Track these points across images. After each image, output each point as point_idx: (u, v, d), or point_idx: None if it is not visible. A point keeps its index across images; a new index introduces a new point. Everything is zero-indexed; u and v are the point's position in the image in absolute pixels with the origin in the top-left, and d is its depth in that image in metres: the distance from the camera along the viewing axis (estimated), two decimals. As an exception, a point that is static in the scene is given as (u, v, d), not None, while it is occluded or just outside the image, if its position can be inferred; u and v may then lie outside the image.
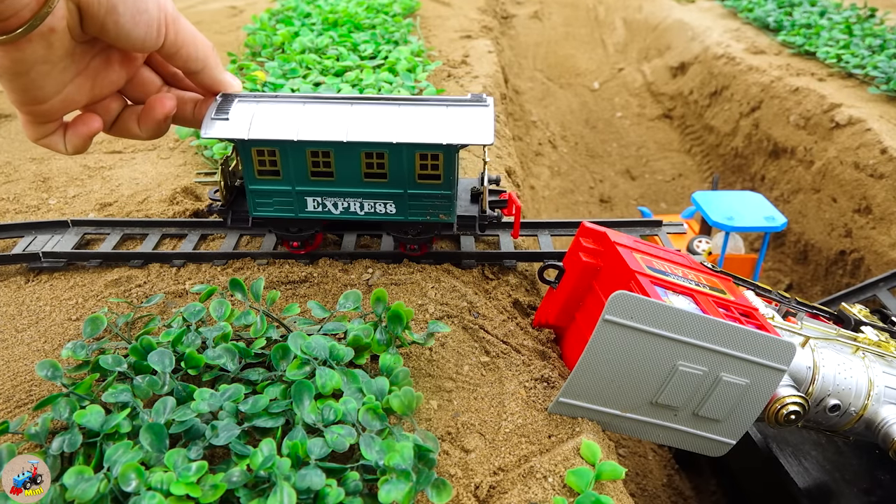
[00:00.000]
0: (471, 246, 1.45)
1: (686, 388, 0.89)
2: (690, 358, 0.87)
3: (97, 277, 1.37)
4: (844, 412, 1.23)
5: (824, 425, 1.28)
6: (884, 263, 2.85)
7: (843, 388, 1.23)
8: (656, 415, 0.93)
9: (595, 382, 0.89)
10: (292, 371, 0.97)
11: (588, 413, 0.92)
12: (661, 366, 0.87)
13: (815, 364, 1.20)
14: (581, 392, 0.88)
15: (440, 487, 0.86)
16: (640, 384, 0.89)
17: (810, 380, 1.19)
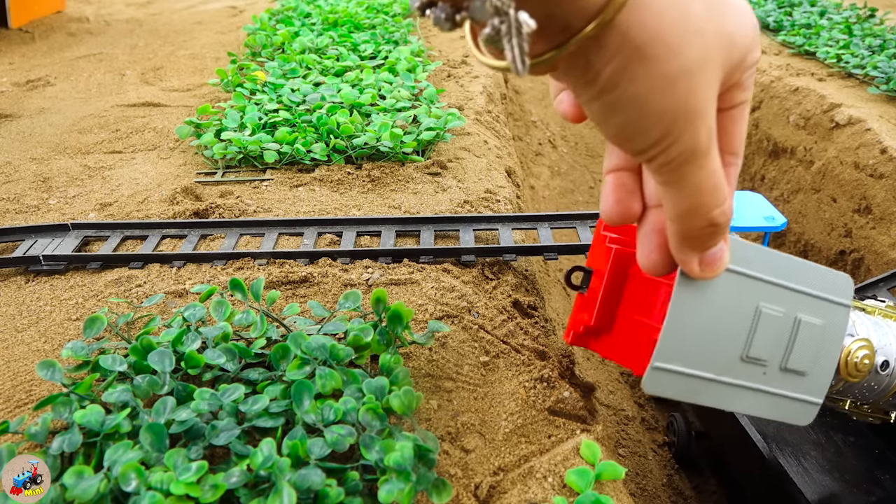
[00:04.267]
0: (470, 241, 1.45)
1: (772, 335, 0.78)
2: (771, 298, 0.79)
3: (97, 277, 1.37)
4: (894, 370, 1.20)
5: (875, 391, 1.24)
6: (884, 263, 2.85)
7: (885, 345, 1.20)
8: (747, 375, 0.83)
9: (686, 340, 0.76)
10: (292, 371, 0.97)
11: (681, 385, 0.79)
12: (746, 310, 0.77)
13: (852, 324, 1.18)
14: (674, 354, 0.76)
15: (440, 487, 0.86)
16: (729, 336, 0.78)
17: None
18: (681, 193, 0.49)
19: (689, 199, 0.49)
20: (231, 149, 1.88)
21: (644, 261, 0.61)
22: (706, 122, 0.46)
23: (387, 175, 1.81)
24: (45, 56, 3.38)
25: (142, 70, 3.08)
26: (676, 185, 0.48)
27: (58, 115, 2.45)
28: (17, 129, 2.31)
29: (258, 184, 1.81)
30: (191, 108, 2.48)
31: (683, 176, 0.48)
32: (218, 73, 2.48)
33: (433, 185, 1.79)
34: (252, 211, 1.64)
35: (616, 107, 0.45)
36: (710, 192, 0.49)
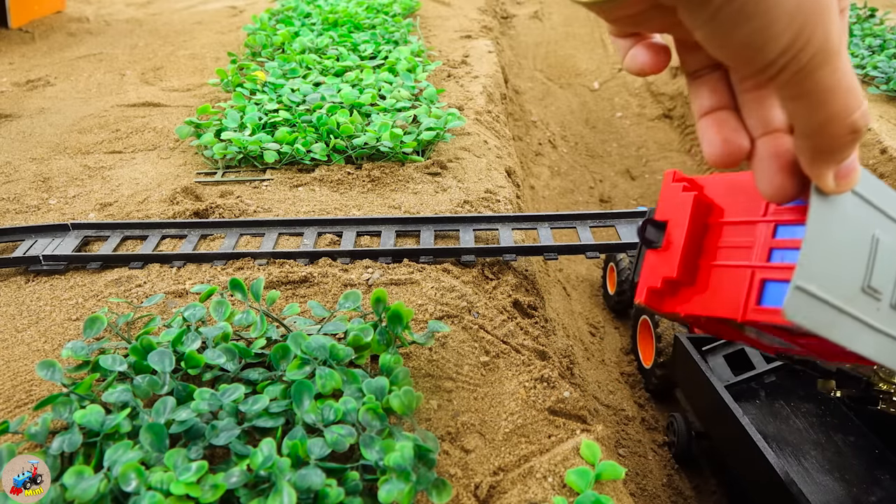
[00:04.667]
0: (470, 241, 1.45)
1: (886, 268, 0.72)
2: (886, 228, 0.76)
3: (97, 277, 1.37)
4: None
5: None
6: (884, 263, 2.85)
7: None
8: (865, 308, 0.71)
9: (822, 262, 0.69)
10: (292, 371, 0.97)
11: (817, 312, 0.71)
12: (866, 237, 0.69)
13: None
14: (812, 274, 0.69)
15: (440, 487, 0.86)
16: (854, 263, 0.68)
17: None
18: (816, 103, 0.45)
19: (826, 108, 0.45)
20: (231, 149, 1.88)
21: (768, 188, 0.58)
22: (834, 17, 0.42)
23: (387, 175, 1.81)
24: (45, 56, 3.38)
25: (142, 70, 3.08)
26: (810, 95, 0.45)
27: (58, 115, 2.45)
28: (17, 129, 2.31)
29: (258, 184, 1.81)
30: (191, 108, 2.48)
31: (818, 82, 0.44)
32: (218, 73, 2.48)
33: (433, 185, 1.79)
34: (252, 211, 1.64)
35: (739, 18, 0.42)
36: (848, 95, 0.46)
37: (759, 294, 0.74)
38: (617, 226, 1.55)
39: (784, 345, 0.88)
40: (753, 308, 0.74)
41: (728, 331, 0.94)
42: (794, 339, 0.84)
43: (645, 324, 3.05)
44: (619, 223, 1.55)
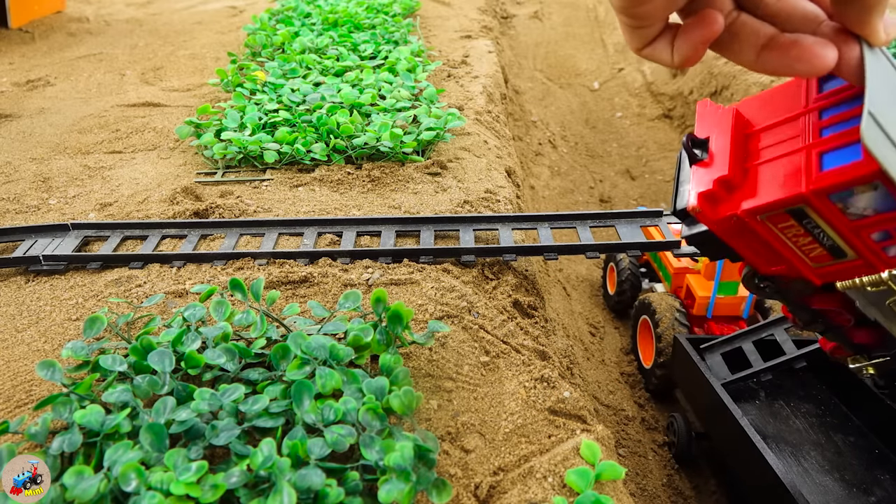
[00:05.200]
0: (470, 241, 1.45)
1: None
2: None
3: (97, 277, 1.37)
4: None
5: None
6: (884, 263, 2.85)
7: None
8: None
9: (881, 102, 0.72)
10: (292, 371, 0.97)
11: (882, 145, 0.73)
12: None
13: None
14: (880, 111, 0.72)
15: (440, 487, 0.86)
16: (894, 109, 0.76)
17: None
18: None
19: None
20: (231, 149, 1.88)
21: (821, 53, 0.65)
22: None
23: (387, 175, 1.81)
24: (45, 56, 3.38)
25: (142, 70, 3.08)
26: None
27: (58, 115, 2.45)
28: (17, 129, 2.31)
29: (258, 184, 1.81)
30: (191, 108, 2.48)
31: None
32: (218, 73, 2.49)
33: (433, 185, 1.79)
34: (252, 211, 1.64)
35: None
36: None
37: (818, 164, 0.78)
38: (617, 226, 1.55)
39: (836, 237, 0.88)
40: (816, 176, 0.78)
41: (784, 251, 0.95)
42: (855, 223, 0.86)
43: (645, 324, 3.05)
44: (619, 223, 1.55)
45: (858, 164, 0.78)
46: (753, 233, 0.98)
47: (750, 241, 1.01)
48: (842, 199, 0.86)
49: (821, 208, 0.88)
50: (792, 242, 0.98)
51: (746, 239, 1.00)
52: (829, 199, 0.86)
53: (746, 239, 1.00)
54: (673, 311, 2.87)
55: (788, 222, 0.93)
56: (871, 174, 0.80)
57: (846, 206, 0.88)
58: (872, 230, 0.90)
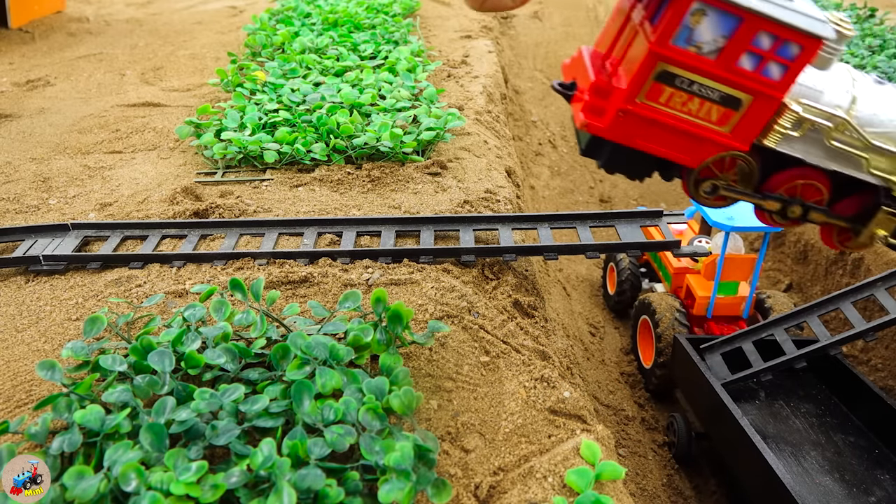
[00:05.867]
0: (470, 241, 1.45)
1: None
2: None
3: (97, 277, 1.37)
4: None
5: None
6: (883, 263, 2.85)
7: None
8: None
9: None
10: (292, 371, 0.97)
11: None
12: None
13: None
14: None
15: (440, 487, 0.86)
16: None
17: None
18: None
19: None
20: (231, 149, 1.88)
21: None
22: None
23: (387, 175, 1.81)
24: (45, 56, 3.38)
25: (142, 70, 3.08)
26: None
27: (58, 115, 2.45)
28: (17, 129, 2.31)
29: (258, 184, 1.81)
30: (191, 108, 2.48)
31: None
32: (218, 73, 2.49)
33: (433, 185, 1.79)
34: (252, 211, 1.64)
35: None
36: None
37: (651, 26, 0.94)
38: (617, 226, 1.55)
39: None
40: (650, 31, 0.94)
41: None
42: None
43: (645, 324, 3.05)
44: (619, 223, 1.55)
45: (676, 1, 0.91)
46: (649, 122, 1.06)
47: (654, 134, 1.07)
48: (687, 41, 0.97)
49: (675, 57, 0.98)
50: (686, 113, 1.05)
51: (649, 133, 1.07)
52: (676, 44, 0.97)
53: (649, 133, 1.07)
54: (673, 311, 2.87)
55: (666, 91, 1.02)
56: (688, 1, 0.92)
57: (698, 48, 0.98)
58: (736, 57, 0.99)
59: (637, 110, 1.04)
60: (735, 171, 1.15)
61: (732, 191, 1.16)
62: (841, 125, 1.08)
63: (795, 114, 1.05)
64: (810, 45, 0.97)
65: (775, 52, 0.98)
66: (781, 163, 1.14)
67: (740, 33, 0.97)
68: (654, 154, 1.10)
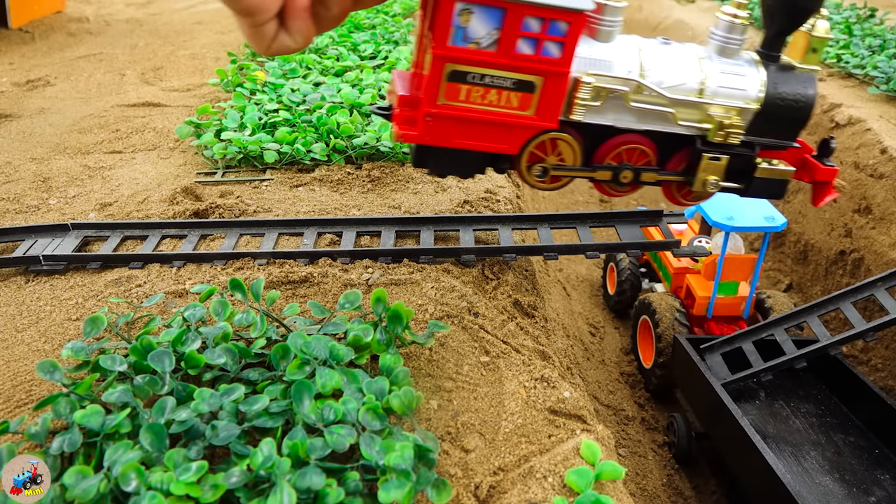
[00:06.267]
0: (470, 241, 1.45)
1: None
2: None
3: (97, 277, 1.37)
4: None
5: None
6: (883, 263, 2.85)
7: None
8: None
9: None
10: (292, 371, 0.97)
11: None
12: None
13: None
14: None
15: (440, 487, 0.86)
16: None
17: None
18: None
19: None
20: (231, 149, 1.88)
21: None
22: None
23: (387, 175, 1.81)
24: (45, 56, 3.38)
25: (142, 70, 3.08)
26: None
27: (58, 115, 2.45)
28: (17, 129, 2.31)
29: (258, 184, 1.81)
30: (191, 108, 2.48)
31: None
32: (218, 73, 2.49)
33: (433, 185, 1.79)
34: (252, 211, 1.64)
35: None
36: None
37: (431, 37, 1.02)
38: (617, 226, 1.55)
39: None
40: (430, 38, 1.02)
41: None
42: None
43: (645, 324, 3.05)
44: (618, 223, 1.55)
45: (441, 4, 1.00)
46: (458, 121, 1.14)
47: (467, 131, 1.15)
48: (465, 39, 1.05)
49: (458, 56, 1.06)
50: (489, 105, 1.13)
51: (462, 131, 1.15)
52: (455, 44, 1.05)
53: (462, 131, 1.15)
54: (673, 311, 2.87)
55: (462, 89, 1.10)
56: (446, 4, 1.01)
57: (477, 43, 1.06)
58: (513, 44, 1.07)
59: (442, 112, 1.12)
60: (559, 151, 1.21)
61: (561, 169, 1.22)
62: (638, 87, 1.16)
63: (590, 85, 1.13)
64: (576, 19, 1.05)
65: (546, 32, 1.06)
66: (602, 134, 1.22)
67: (508, 22, 1.05)
68: (474, 149, 1.18)
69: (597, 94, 1.16)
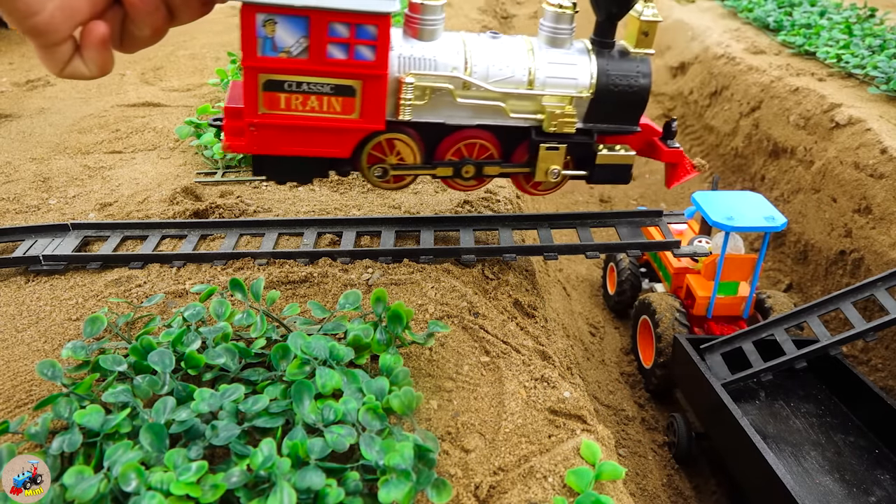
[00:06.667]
0: (470, 241, 1.45)
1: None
2: None
3: (97, 277, 1.37)
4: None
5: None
6: (883, 263, 2.85)
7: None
8: None
9: None
10: (292, 371, 0.97)
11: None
12: None
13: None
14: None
15: (440, 487, 0.86)
16: None
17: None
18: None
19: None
20: (231, 149, 1.88)
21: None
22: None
23: (387, 175, 1.80)
24: (45, 56, 3.37)
25: (142, 70, 3.08)
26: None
27: (58, 115, 2.45)
28: (17, 129, 2.31)
29: (258, 184, 1.81)
30: (191, 108, 2.48)
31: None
32: (218, 73, 2.48)
33: (433, 185, 1.79)
34: (252, 211, 1.64)
35: None
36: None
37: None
38: (617, 226, 1.55)
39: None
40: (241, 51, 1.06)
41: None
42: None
43: (645, 324, 3.05)
44: (619, 223, 1.55)
45: (244, 15, 1.05)
46: (284, 129, 1.15)
47: (295, 138, 1.16)
48: (274, 49, 1.07)
49: (270, 65, 1.08)
50: (311, 111, 1.14)
51: (291, 138, 1.16)
52: (266, 55, 1.07)
53: (291, 138, 1.16)
54: (673, 311, 2.87)
55: (281, 97, 1.12)
56: (247, 15, 1.05)
57: (288, 52, 1.07)
58: (323, 51, 1.07)
59: (265, 121, 1.13)
60: (397, 151, 1.22)
61: (401, 168, 1.23)
62: (465, 84, 1.17)
63: (412, 84, 1.13)
64: (382, 22, 1.05)
65: (356, 36, 1.06)
66: (441, 131, 1.23)
67: (314, 30, 1.05)
68: (306, 155, 1.18)
69: (422, 94, 1.17)
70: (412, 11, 1.16)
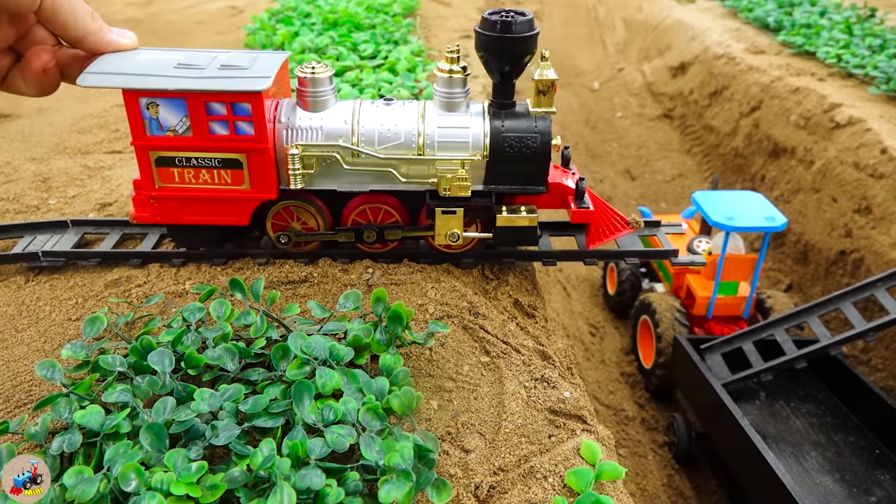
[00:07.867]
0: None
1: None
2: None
3: (97, 277, 1.37)
4: None
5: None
6: (884, 263, 2.85)
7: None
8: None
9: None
10: (292, 371, 0.97)
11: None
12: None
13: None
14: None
15: (440, 487, 0.86)
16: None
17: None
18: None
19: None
20: (231, 149, 1.88)
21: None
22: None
23: (387, 175, 1.80)
24: (45, 56, 3.37)
25: (142, 70, 3.08)
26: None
27: (57, 115, 2.45)
28: (17, 129, 2.31)
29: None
30: (191, 108, 2.47)
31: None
32: (218, 73, 2.48)
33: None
34: (252, 211, 1.63)
35: None
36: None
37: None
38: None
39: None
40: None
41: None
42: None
43: (645, 324, 3.05)
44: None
45: (127, 100, 1.12)
46: (182, 200, 1.24)
47: (195, 208, 1.25)
48: (161, 128, 1.15)
49: (157, 144, 1.16)
50: (204, 184, 1.22)
51: (191, 209, 1.25)
52: (153, 134, 1.15)
53: (191, 209, 1.25)
54: (673, 311, 2.87)
55: (174, 172, 1.20)
56: (130, 100, 1.12)
57: (174, 130, 1.15)
58: (205, 128, 1.15)
59: (163, 194, 1.22)
60: (300, 217, 1.29)
61: (305, 236, 1.30)
62: (353, 152, 1.22)
63: (297, 155, 1.19)
64: (254, 99, 1.12)
65: (233, 113, 1.14)
66: (345, 197, 1.29)
67: (193, 110, 1.13)
68: (207, 223, 1.27)
69: (312, 163, 1.22)
70: (301, 85, 1.22)
